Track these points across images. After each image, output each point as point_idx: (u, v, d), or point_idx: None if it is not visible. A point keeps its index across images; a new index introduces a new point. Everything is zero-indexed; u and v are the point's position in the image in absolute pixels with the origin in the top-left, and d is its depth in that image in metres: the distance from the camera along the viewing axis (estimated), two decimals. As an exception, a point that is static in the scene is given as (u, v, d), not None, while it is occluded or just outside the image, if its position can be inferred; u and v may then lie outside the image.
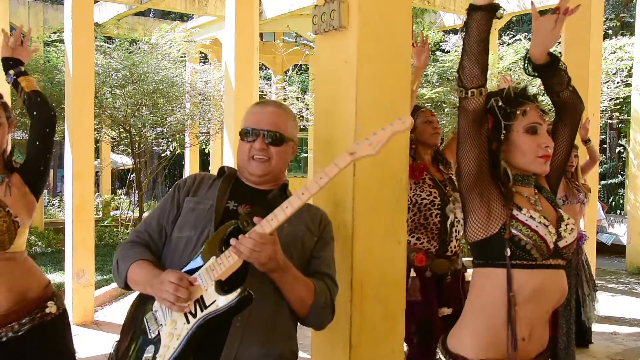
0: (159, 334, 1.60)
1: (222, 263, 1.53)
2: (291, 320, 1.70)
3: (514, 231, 1.57)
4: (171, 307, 1.56)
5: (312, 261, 1.75)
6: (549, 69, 1.68)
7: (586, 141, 4.77)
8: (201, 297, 1.55)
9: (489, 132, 1.65)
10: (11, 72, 2.24)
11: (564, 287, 1.65)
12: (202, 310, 1.53)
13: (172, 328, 1.57)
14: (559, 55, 1.70)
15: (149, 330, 1.63)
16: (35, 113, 2.17)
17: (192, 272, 1.60)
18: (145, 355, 1.60)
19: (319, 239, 1.77)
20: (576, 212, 4.19)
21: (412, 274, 2.79)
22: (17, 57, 2.25)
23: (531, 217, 1.59)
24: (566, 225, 1.65)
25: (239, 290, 1.49)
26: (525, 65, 1.70)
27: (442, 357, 1.64)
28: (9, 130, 2.13)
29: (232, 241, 1.51)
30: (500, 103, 1.64)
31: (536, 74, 1.71)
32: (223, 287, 1.53)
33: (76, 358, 2.22)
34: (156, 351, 1.57)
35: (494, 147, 1.66)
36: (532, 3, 1.82)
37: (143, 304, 1.69)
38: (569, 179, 4.23)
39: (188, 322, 1.55)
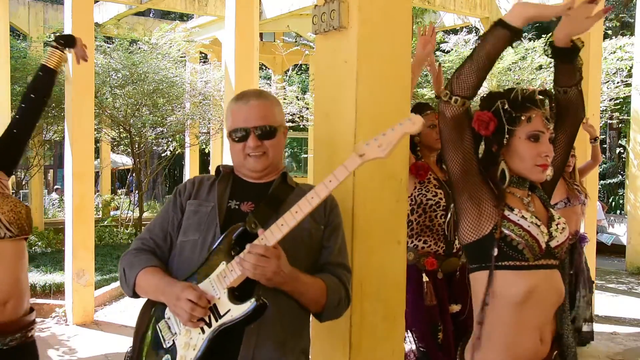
0: (173, 343, 1.59)
1: (234, 270, 1.52)
2: (302, 315, 1.69)
3: (505, 231, 1.56)
4: (185, 324, 1.55)
5: (323, 251, 1.72)
6: (568, 55, 1.64)
7: (594, 139, 4.67)
8: (215, 306, 1.53)
9: (490, 133, 1.62)
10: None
11: (561, 288, 1.63)
12: (216, 320, 1.52)
13: (187, 338, 1.56)
14: (581, 45, 1.65)
15: (164, 339, 1.61)
16: (39, 92, 2.24)
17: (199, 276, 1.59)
18: None
19: (326, 226, 1.74)
20: (577, 213, 4.16)
21: (425, 278, 2.79)
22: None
23: (523, 217, 1.58)
24: (557, 225, 1.63)
25: (252, 300, 1.47)
26: (546, 47, 1.66)
27: None
28: None
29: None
30: (506, 106, 1.61)
31: (553, 57, 1.67)
32: (235, 294, 1.52)
33: None
34: None
35: (494, 150, 1.65)
36: None
37: (155, 310, 1.67)
38: (568, 181, 4.17)
39: (203, 332, 1.53)
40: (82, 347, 4.62)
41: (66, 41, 2.29)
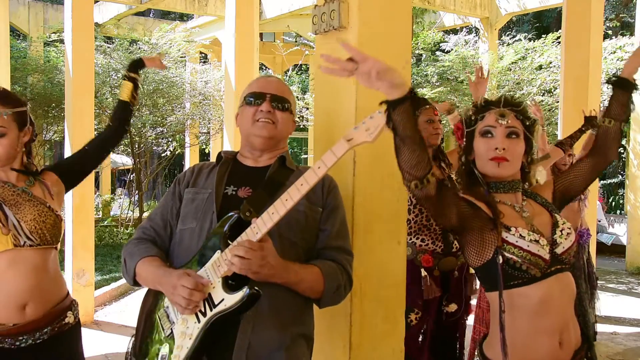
0: (172, 332, 1.59)
1: (227, 259, 1.52)
2: (301, 302, 1.66)
3: (506, 254, 1.57)
4: (183, 312, 1.55)
5: (321, 234, 1.70)
6: (628, 87, 1.76)
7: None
8: (209, 295, 1.53)
9: (462, 141, 1.72)
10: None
11: (572, 287, 1.65)
12: (211, 310, 1.52)
13: (184, 327, 1.56)
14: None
15: (163, 328, 1.62)
16: (116, 121, 2.35)
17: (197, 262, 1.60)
18: (161, 354, 1.59)
19: (324, 208, 1.72)
20: (575, 210, 4.14)
21: (424, 273, 2.82)
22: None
23: (520, 235, 1.58)
24: (561, 230, 1.64)
25: (245, 288, 1.47)
26: (613, 78, 1.78)
27: None
28: (23, 137, 2.03)
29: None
30: (470, 112, 1.71)
31: (614, 85, 1.78)
32: (230, 283, 1.52)
33: None
34: (170, 350, 1.57)
35: (470, 158, 1.71)
36: None
37: (154, 299, 1.68)
38: None
39: (199, 321, 1.53)
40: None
41: (133, 67, 2.38)
